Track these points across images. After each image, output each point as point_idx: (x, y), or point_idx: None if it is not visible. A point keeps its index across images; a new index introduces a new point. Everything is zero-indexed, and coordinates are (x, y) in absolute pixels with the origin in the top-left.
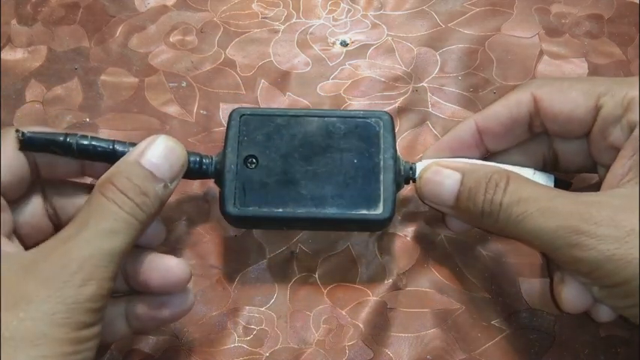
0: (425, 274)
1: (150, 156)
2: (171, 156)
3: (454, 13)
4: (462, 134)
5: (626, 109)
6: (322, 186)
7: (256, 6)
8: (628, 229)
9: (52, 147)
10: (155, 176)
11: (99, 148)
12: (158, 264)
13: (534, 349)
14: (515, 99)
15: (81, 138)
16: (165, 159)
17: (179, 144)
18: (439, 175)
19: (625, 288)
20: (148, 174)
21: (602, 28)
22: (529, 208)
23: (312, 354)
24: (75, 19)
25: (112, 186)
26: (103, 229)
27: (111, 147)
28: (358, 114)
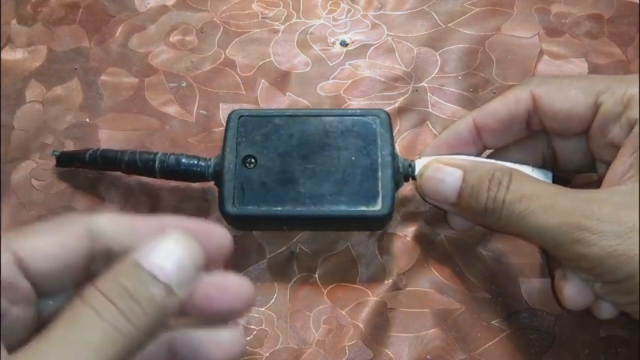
0: (425, 274)
1: (154, 255)
2: (182, 256)
3: (454, 13)
4: (460, 131)
5: (625, 106)
6: (321, 184)
7: (256, 6)
8: (630, 226)
9: (79, 160)
10: (155, 279)
11: (110, 155)
12: (221, 281)
13: (534, 349)
14: (514, 96)
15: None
16: (174, 259)
17: (196, 243)
18: (440, 173)
19: (627, 284)
20: (145, 275)
21: (602, 28)
22: (531, 205)
23: (312, 354)
24: (75, 19)
25: (94, 287)
26: (71, 341)
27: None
28: (355, 112)
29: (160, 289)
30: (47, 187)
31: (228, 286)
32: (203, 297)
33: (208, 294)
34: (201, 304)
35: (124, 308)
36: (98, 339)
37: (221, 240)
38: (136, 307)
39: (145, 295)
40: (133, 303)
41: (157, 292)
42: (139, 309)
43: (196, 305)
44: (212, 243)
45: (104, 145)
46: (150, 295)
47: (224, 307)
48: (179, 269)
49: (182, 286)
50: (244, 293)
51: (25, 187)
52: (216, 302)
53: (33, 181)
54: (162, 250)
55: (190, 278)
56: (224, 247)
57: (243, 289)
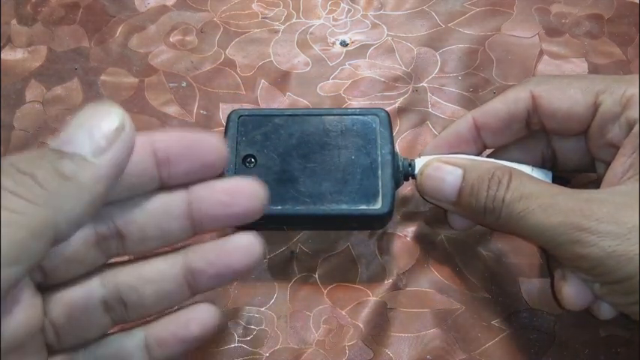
0: (425, 274)
1: (63, 133)
2: (94, 124)
3: (454, 13)
4: (461, 129)
5: (624, 106)
6: (321, 183)
7: (256, 6)
8: (629, 226)
9: None
10: (59, 152)
11: None
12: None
13: (534, 349)
14: (514, 96)
15: None
16: (83, 129)
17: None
18: (440, 171)
19: (626, 285)
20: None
21: (602, 28)
22: (531, 205)
23: (312, 354)
24: (75, 19)
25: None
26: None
27: None
28: (355, 111)
29: (66, 159)
30: None
31: (238, 188)
32: (214, 204)
33: (219, 200)
34: (214, 212)
35: (11, 187)
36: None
37: (216, 146)
38: (28, 182)
39: (42, 169)
40: (22, 176)
41: (62, 164)
42: (31, 182)
43: (209, 214)
44: (208, 150)
45: None
46: (48, 166)
47: (240, 209)
48: (90, 135)
49: (98, 151)
50: (255, 191)
51: None
52: (230, 206)
53: None
54: (70, 126)
55: (108, 141)
56: (220, 154)
57: (253, 187)
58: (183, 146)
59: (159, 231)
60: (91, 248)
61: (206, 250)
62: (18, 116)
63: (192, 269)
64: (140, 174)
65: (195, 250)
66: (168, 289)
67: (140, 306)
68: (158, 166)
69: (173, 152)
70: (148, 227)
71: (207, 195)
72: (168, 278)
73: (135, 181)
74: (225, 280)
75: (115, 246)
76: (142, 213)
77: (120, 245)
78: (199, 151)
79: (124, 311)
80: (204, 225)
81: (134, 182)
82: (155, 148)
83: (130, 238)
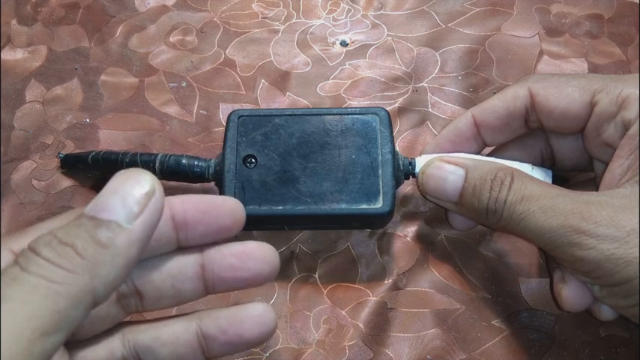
0: (425, 274)
1: (97, 200)
2: (125, 189)
3: (454, 13)
4: (461, 127)
5: (620, 106)
6: (321, 183)
7: (256, 6)
8: (628, 229)
9: (82, 162)
10: (94, 219)
11: (112, 157)
12: (240, 248)
13: (534, 349)
14: (512, 93)
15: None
16: (116, 195)
17: (142, 173)
18: (442, 171)
19: (625, 287)
20: (83, 221)
21: (602, 28)
22: (532, 207)
23: (312, 354)
24: (75, 19)
25: (28, 249)
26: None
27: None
28: (355, 111)
29: (103, 227)
30: (47, 187)
31: (249, 252)
32: (225, 267)
33: (229, 263)
34: (224, 275)
35: (50, 256)
36: (30, 297)
37: (233, 210)
38: (67, 251)
39: (79, 237)
40: (63, 247)
41: (99, 232)
42: (72, 252)
43: (220, 276)
44: (224, 214)
45: (104, 145)
46: (86, 236)
47: (248, 274)
48: (123, 202)
49: (131, 217)
50: (267, 256)
51: (25, 187)
52: (239, 269)
53: (33, 181)
54: (104, 193)
55: (140, 207)
56: (237, 217)
57: (265, 252)
58: (201, 211)
59: (173, 290)
60: (113, 306)
61: (219, 316)
62: (18, 116)
63: (205, 335)
64: (159, 237)
65: (209, 314)
66: (182, 352)
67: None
68: (176, 229)
69: (190, 216)
70: (164, 287)
71: (219, 258)
72: (183, 342)
73: (154, 244)
74: (238, 348)
75: (134, 303)
76: (158, 273)
77: (139, 303)
78: (216, 215)
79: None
80: (216, 287)
81: (153, 245)
82: (173, 212)
83: (147, 296)
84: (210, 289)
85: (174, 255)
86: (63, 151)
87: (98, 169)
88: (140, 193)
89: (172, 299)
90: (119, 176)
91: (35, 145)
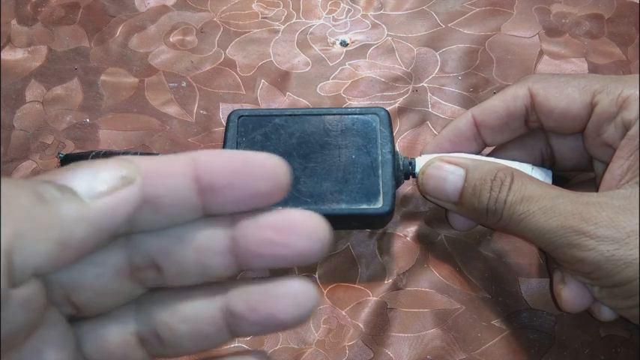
0: (425, 274)
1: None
2: (101, 164)
3: (454, 13)
4: (461, 127)
5: (620, 107)
6: (321, 183)
7: (256, 6)
8: (628, 231)
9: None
10: (51, 182)
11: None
12: (279, 219)
13: (534, 349)
14: (513, 93)
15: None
16: (89, 166)
17: (130, 158)
18: (442, 171)
19: (625, 289)
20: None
21: (602, 28)
22: (532, 207)
23: (312, 354)
24: (75, 19)
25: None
26: None
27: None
28: (355, 111)
29: (52, 187)
30: None
31: (291, 224)
32: (261, 241)
33: (266, 237)
34: (260, 250)
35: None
36: None
37: (274, 172)
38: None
39: (16, 186)
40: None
41: (44, 188)
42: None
43: (255, 252)
44: (263, 176)
45: (104, 145)
46: (27, 185)
47: (290, 252)
48: (91, 176)
49: (93, 193)
50: (314, 230)
51: None
52: (279, 245)
53: None
54: (77, 166)
55: (109, 188)
56: (279, 181)
57: (312, 225)
58: (231, 172)
59: (199, 267)
60: (125, 280)
61: (250, 292)
62: (18, 116)
63: (233, 312)
64: (179, 203)
65: (238, 288)
66: (205, 330)
67: (176, 344)
68: (201, 194)
69: (218, 179)
70: (187, 262)
71: (254, 230)
72: (206, 319)
73: (173, 210)
74: (270, 329)
75: (152, 277)
76: (180, 246)
77: (158, 277)
78: (252, 178)
79: (161, 347)
80: (250, 264)
81: (172, 212)
82: (198, 172)
83: (168, 271)
84: (243, 266)
85: (199, 225)
86: (63, 151)
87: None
88: (115, 175)
89: (197, 276)
90: (105, 159)
91: (35, 145)
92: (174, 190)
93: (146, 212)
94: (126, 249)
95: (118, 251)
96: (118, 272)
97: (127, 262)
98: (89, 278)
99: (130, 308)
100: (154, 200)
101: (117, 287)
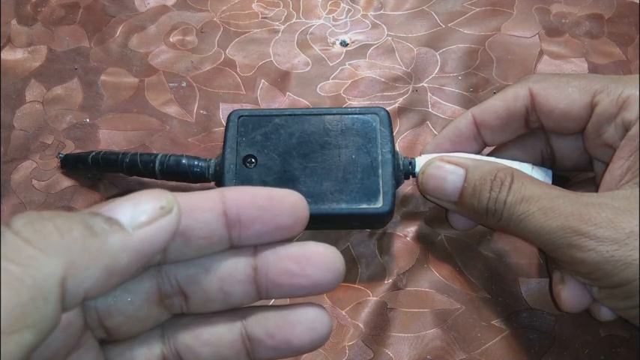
0: (425, 274)
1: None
2: (141, 196)
3: (454, 13)
4: (461, 127)
5: (621, 107)
6: (321, 183)
7: (256, 6)
8: (627, 231)
9: (82, 162)
10: (98, 213)
11: (112, 157)
12: (300, 251)
13: (534, 349)
14: (513, 93)
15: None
16: (129, 199)
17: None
18: (442, 171)
19: (624, 289)
20: (83, 211)
21: (602, 28)
22: (531, 208)
23: (312, 354)
24: (75, 19)
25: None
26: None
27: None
28: (355, 110)
29: (100, 219)
30: (47, 187)
31: (309, 256)
32: (280, 272)
33: (286, 268)
34: (280, 280)
35: (22, 230)
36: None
37: (295, 207)
38: (45, 227)
39: (66, 218)
40: (43, 223)
41: (93, 220)
42: (51, 228)
43: (274, 282)
44: (284, 211)
45: (104, 145)
46: (77, 219)
47: (307, 282)
48: (133, 207)
49: (136, 223)
50: (330, 262)
51: (25, 187)
52: (297, 276)
53: (33, 181)
54: (118, 199)
55: (149, 218)
56: (299, 216)
57: (328, 258)
58: (258, 207)
59: (222, 294)
60: (154, 306)
61: (267, 317)
62: (18, 116)
63: (251, 337)
64: (209, 235)
65: (256, 314)
66: (225, 354)
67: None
68: (228, 227)
69: (245, 213)
70: (211, 290)
71: (275, 261)
72: (226, 343)
73: (203, 242)
74: (286, 354)
75: (178, 304)
76: (205, 275)
77: (184, 303)
78: (275, 213)
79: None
80: (270, 293)
81: (202, 243)
82: (226, 207)
83: (193, 298)
84: (263, 295)
85: (224, 255)
86: (63, 151)
87: (98, 169)
88: (154, 206)
89: (220, 303)
90: (142, 191)
91: (35, 145)
92: (205, 223)
93: (178, 244)
94: (156, 277)
95: (149, 279)
96: (148, 299)
97: (157, 289)
98: (122, 304)
99: (156, 333)
100: (186, 233)
101: (146, 313)
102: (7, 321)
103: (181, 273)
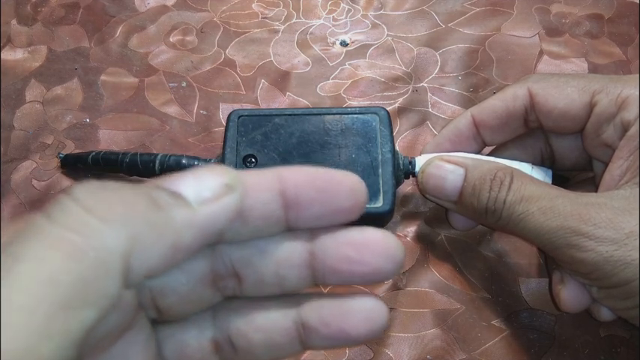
0: (425, 274)
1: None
2: (206, 171)
3: (454, 13)
4: (461, 126)
5: (620, 107)
6: None
7: (256, 6)
8: (627, 232)
9: (82, 162)
10: (162, 187)
11: (112, 157)
12: (358, 237)
13: (534, 349)
14: (512, 93)
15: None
16: (194, 173)
17: (230, 168)
18: (442, 170)
19: (623, 289)
20: (147, 184)
21: (602, 28)
22: (531, 208)
23: (312, 354)
24: (75, 19)
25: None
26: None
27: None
28: (355, 110)
29: (165, 193)
30: (47, 187)
31: (368, 243)
32: (338, 258)
33: (344, 254)
34: (337, 266)
35: (84, 199)
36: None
37: (354, 189)
38: (109, 197)
39: (131, 189)
40: (105, 193)
41: (158, 193)
42: (114, 198)
43: (332, 268)
44: (344, 193)
45: (104, 145)
46: (141, 191)
47: (366, 269)
48: (197, 183)
49: (200, 200)
50: (390, 250)
51: (25, 187)
52: (356, 263)
53: (33, 181)
54: (183, 173)
55: (214, 195)
56: (358, 199)
57: (388, 245)
58: (316, 188)
59: (277, 278)
60: (207, 287)
61: (322, 305)
62: (18, 116)
63: (306, 324)
64: (266, 216)
65: (311, 302)
66: (278, 340)
67: (249, 352)
68: (285, 208)
69: (304, 194)
70: (266, 273)
71: (333, 246)
72: (279, 329)
73: (259, 223)
74: (341, 344)
75: (231, 286)
76: (260, 258)
77: (237, 286)
78: (334, 195)
79: (234, 354)
80: (327, 279)
81: (259, 224)
82: (284, 188)
83: (247, 281)
84: (319, 281)
85: (280, 238)
86: (63, 151)
87: (98, 169)
88: (219, 182)
89: (274, 287)
90: (206, 165)
91: (35, 145)
92: (263, 203)
93: (235, 223)
94: (210, 258)
95: (204, 259)
96: (201, 279)
97: (211, 270)
98: (176, 284)
99: (208, 315)
100: (243, 212)
101: (199, 294)
102: (67, 295)
103: (236, 254)
